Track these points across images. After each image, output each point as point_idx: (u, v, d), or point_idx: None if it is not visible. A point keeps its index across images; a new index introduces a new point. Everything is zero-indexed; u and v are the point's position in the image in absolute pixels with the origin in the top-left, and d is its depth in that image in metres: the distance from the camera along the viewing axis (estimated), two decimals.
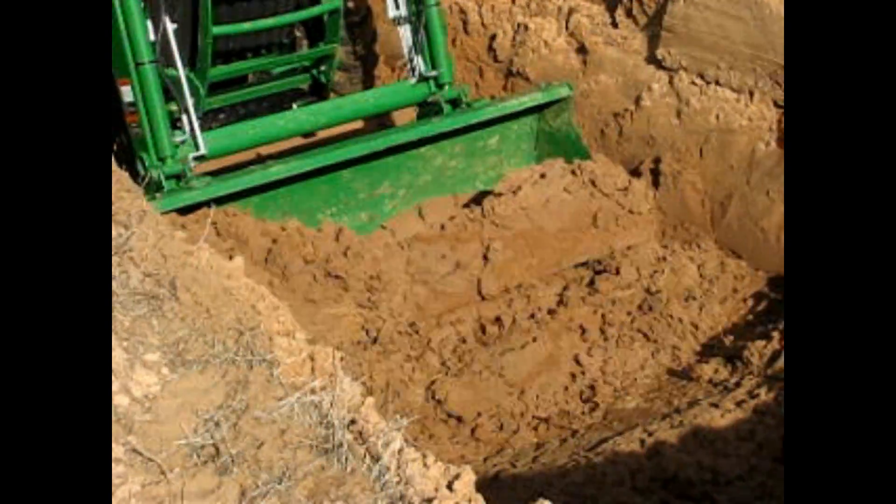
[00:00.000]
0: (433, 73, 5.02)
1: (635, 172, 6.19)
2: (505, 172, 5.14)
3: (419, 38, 4.94)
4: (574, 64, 6.52)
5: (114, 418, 2.78)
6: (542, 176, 4.97)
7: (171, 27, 4.47)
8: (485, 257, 4.82)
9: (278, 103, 5.30)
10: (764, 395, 4.82)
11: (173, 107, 4.69)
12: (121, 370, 2.96)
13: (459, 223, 5.03)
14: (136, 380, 2.98)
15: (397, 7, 5.02)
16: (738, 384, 5.17)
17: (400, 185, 4.82)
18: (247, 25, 4.75)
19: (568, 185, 4.99)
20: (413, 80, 5.07)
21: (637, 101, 6.36)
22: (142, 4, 4.44)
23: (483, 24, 6.62)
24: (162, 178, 4.23)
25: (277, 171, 4.54)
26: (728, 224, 6.16)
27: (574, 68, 6.50)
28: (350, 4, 5.88)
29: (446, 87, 5.00)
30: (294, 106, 5.23)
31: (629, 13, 6.65)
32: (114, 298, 3.24)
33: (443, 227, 4.97)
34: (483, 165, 5.05)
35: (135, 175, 4.26)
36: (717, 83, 6.12)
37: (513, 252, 4.91)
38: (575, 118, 5.46)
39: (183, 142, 4.47)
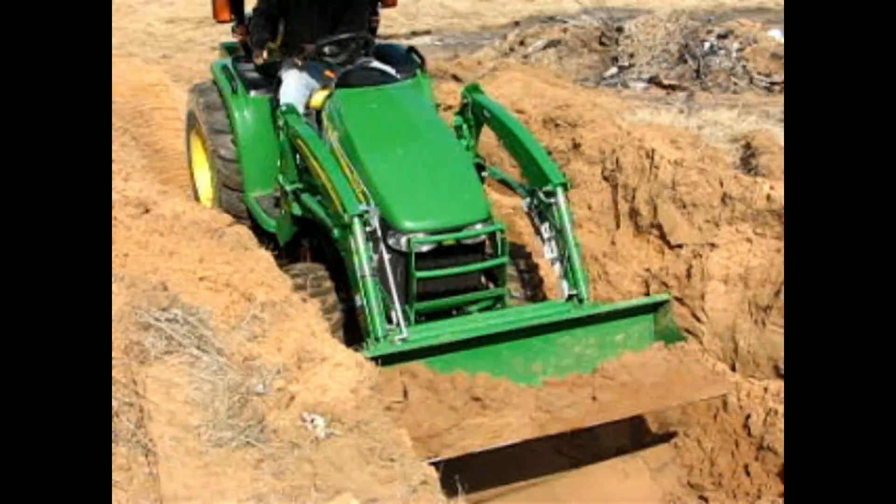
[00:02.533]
0: (574, 291, 5.74)
1: None
2: None
3: (564, 267, 5.80)
4: None
5: None
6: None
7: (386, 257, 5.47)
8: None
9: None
10: None
11: None
12: None
13: None
14: None
15: (552, 252, 5.93)
16: None
17: (548, 366, 5.50)
18: (447, 271, 5.59)
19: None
20: (563, 299, 5.82)
21: None
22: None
23: None
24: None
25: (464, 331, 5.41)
26: None
27: None
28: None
29: (585, 301, 5.72)
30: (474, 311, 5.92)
31: None
32: None
33: None
34: (611, 355, 5.55)
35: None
36: None
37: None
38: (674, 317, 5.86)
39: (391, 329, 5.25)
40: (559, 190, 5.76)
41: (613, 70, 9.95)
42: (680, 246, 6.54)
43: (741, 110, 8.27)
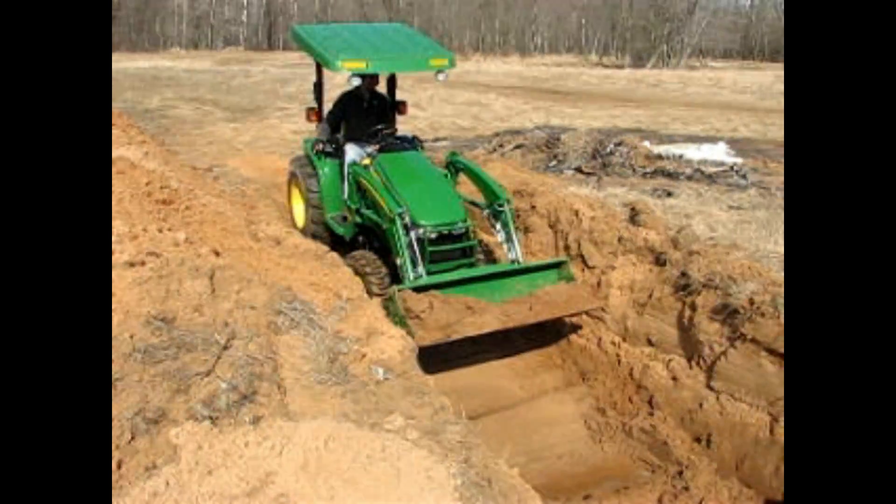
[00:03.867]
0: (513, 257, 6.25)
1: None
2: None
3: (509, 245, 6.28)
4: None
5: None
6: None
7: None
8: None
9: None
10: None
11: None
12: None
13: None
14: None
15: (502, 237, 6.35)
16: None
17: (503, 293, 5.86)
18: (445, 246, 6.06)
19: None
20: (509, 262, 6.30)
21: None
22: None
23: None
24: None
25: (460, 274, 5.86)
26: None
27: None
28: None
29: (520, 262, 6.18)
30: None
31: None
32: None
33: None
34: (536, 288, 5.98)
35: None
36: None
37: None
38: (570, 267, 6.23)
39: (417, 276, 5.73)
40: (506, 203, 6.31)
41: (554, 162, 9.94)
42: (594, 267, 6.52)
43: (629, 188, 8.25)
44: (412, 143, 7.21)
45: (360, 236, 6.84)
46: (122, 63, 28.91)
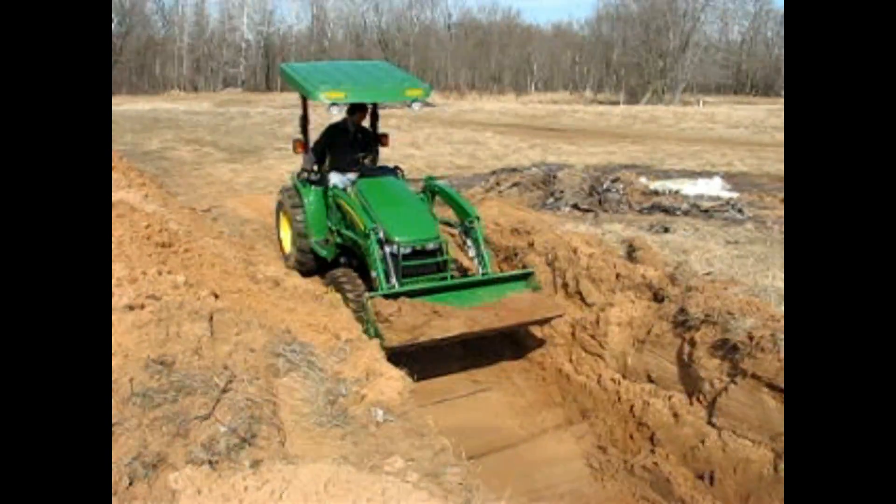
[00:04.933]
0: (483, 270, 6.47)
1: None
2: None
3: (478, 258, 6.54)
4: None
5: None
6: None
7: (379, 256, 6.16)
8: None
9: None
10: None
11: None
12: None
13: None
14: None
15: (472, 251, 6.62)
16: None
17: (472, 301, 6.02)
18: (417, 262, 6.32)
19: None
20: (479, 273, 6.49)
21: None
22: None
23: None
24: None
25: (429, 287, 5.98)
26: None
27: None
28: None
29: (488, 274, 6.43)
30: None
31: None
32: None
33: None
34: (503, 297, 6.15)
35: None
36: None
37: None
38: (536, 278, 6.44)
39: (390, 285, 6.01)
40: (475, 220, 6.56)
41: (551, 200, 9.98)
42: (592, 304, 6.51)
43: (626, 224, 8.29)
44: (393, 172, 7.57)
45: (342, 257, 7.12)
46: (123, 105, 29.16)
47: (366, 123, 7.83)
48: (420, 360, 5.46)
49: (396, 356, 4.67)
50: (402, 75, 7.62)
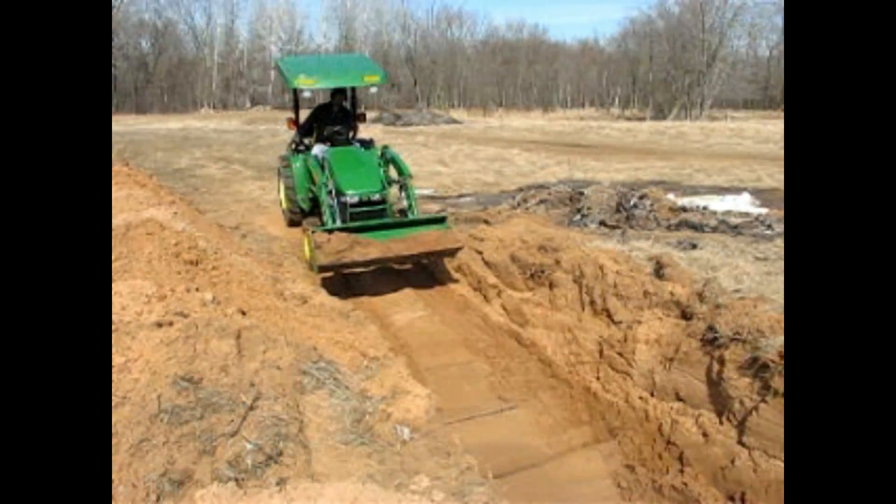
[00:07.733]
0: (411, 214, 8.12)
1: None
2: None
3: (408, 206, 8.26)
4: None
5: None
6: None
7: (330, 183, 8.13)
8: None
9: None
10: None
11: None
12: None
13: None
14: None
15: (403, 203, 8.36)
16: None
17: (393, 236, 7.49)
18: (363, 209, 8.10)
19: None
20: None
21: None
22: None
23: None
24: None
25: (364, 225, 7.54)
26: None
27: None
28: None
29: (414, 214, 8.18)
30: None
31: None
32: None
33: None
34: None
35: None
36: None
37: None
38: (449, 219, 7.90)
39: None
40: (408, 178, 8.29)
41: (578, 217, 9.94)
42: (620, 322, 6.46)
43: (653, 241, 8.22)
44: (367, 144, 9.58)
45: (316, 208, 8.85)
46: (154, 124, 29.59)
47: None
48: (448, 377, 5.43)
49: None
50: (369, 65, 9.47)
